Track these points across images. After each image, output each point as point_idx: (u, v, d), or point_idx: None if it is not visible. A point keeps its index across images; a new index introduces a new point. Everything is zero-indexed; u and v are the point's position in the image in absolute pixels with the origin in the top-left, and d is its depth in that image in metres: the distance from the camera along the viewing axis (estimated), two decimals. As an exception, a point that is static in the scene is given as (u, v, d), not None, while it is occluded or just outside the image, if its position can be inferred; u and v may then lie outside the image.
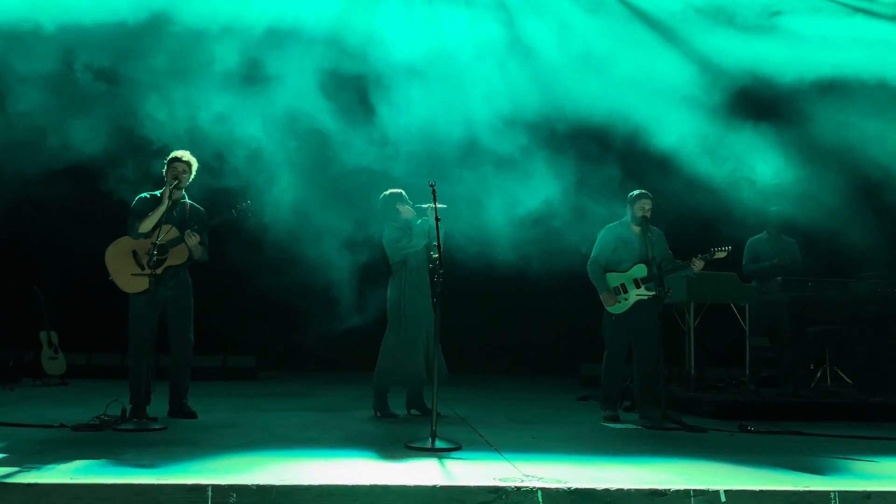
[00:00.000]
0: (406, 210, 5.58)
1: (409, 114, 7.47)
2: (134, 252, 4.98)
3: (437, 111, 7.56)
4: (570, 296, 9.91)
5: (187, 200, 5.23)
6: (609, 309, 5.63)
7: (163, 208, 4.94)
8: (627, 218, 5.73)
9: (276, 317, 9.96)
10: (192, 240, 4.98)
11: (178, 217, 5.09)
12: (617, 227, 5.75)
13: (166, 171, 5.14)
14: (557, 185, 7.76)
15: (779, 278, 6.86)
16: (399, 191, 5.64)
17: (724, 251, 5.56)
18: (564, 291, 9.96)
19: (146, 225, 4.95)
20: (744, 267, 7.17)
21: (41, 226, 9.02)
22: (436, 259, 4.39)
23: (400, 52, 7.72)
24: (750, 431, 5.07)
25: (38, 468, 3.22)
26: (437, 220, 4.83)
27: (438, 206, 5.28)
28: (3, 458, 3.48)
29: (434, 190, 4.87)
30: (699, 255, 5.54)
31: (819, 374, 6.93)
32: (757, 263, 7.16)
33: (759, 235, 7.34)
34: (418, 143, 7.53)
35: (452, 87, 7.87)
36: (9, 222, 8.73)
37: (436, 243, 4.55)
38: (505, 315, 10.35)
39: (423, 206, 5.51)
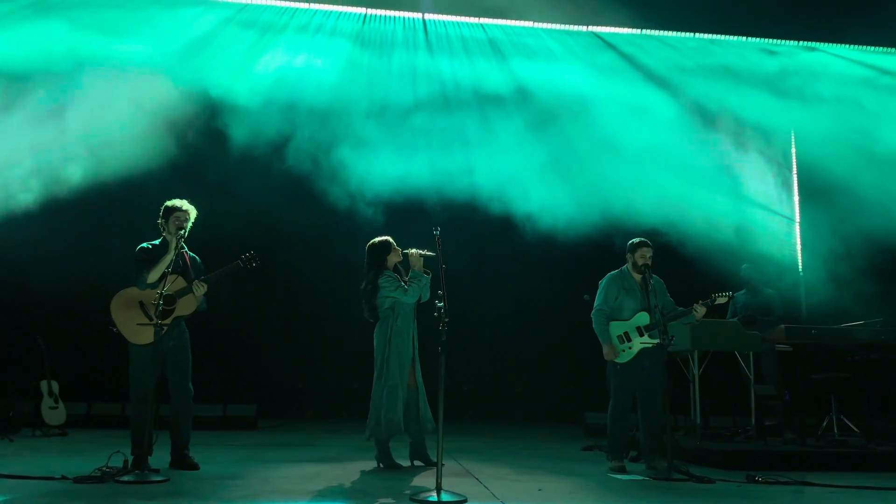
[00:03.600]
0: (394, 257, 5.61)
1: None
2: (141, 303, 4.97)
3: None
4: (575, 343, 9.92)
5: (186, 251, 5.25)
6: (614, 358, 5.62)
7: (169, 258, 4.96)
8: (627, 266, 5.76)
9: (277, 365, 9.92)
10: (200, 290, 5.00)
11: (182, 267, 5.12)
12: (618, 276, 5.77)
13: (167, 221, 5.15)
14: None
15: (782, 326, 6.86)
16: (387, 238, 5.68)
17: (725, 296, 5.58)
18: (569, 338, 9.97)
19: (153, 275, 4.96)
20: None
21: (42, 275, 9.08)
22: (441, 307, 4.40)
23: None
24: (757, 482, 5.00)
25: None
26: (443, 266, 4.87)
27: (428, 253, 5.32)
28: (5, 511, 3.45)
29: (438, 237, 4.92)
30: (700, 302, 5.55)
31: (825, 423, 6.86)
32: (734, 318, 7.47)
33: (740, 291, 7.70)
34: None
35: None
36: (10, 271, 8.79)
37: (440, 292, 4.57)
38: (509, 363, 10.30)
39: (408, 251, 5.54)
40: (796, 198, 11.41)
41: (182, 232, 5.09)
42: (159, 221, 5.21)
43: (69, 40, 8.90)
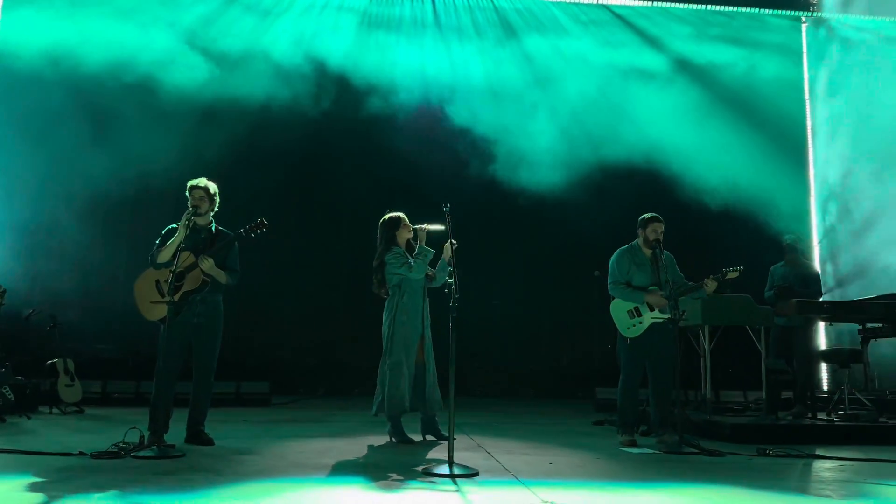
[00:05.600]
0: (405, 233, 5.61)
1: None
2: (157, 281, 5.06)
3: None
4: (585, 319, 9.95)
5: (213, 226, 5.27)
6: (624, 333, 5.62)
7: (178, 237, 4.99)
8: (638, 241, 5.73)
9: (290, 343, 9.99)
10: (206, 263, 5.01)
11: (203, 243, 5.14)
12: (628, 251, 5.74)
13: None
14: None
15: (794, 300, 6.83)
16: (399, 214, 5.66)
17: (736, 271, 5.52)
18: (580, 314, 9.99)
19: (164, 255, 5.02)
20: (764, 294, 7.27)
21: (58, 255, 9.16)
22: (451, 284, 4.40)
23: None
24: (768, 455, 5.02)
25: (60, 496, 3.25)
26: (454, 243, 4.87)
27: (438, 228, 5.29)
28: (25, 486, 3.51)
29: (448, 214, 4.90)
30: (711, 276, 5.53)
31: (837, 397, 6.86)
32: (772, 290, 7.33)
33: (778, 263, 7.50)
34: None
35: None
36: (26, 251, 8.87)
37: (451, 268, 4.57)
38: (519, 339, 10.33)
39: (417, 226, 5.53)
40: (811, 172, 11.33)
41: (192, 209, 5.09)
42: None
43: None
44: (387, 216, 5.67)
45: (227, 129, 9.40)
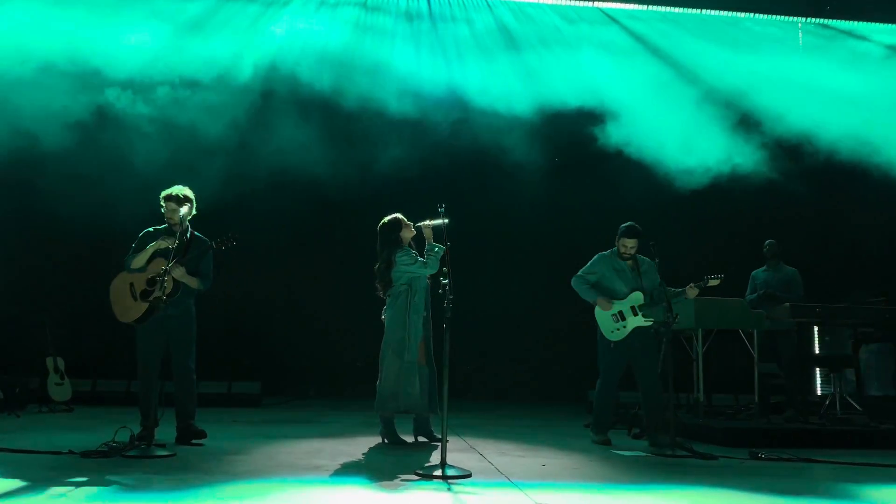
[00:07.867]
0: (408, 232, 5.58)
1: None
2: (131, 284, 5.07)
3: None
4: (579, 320, 9.93)
5: (187, 232, 5.23)
6: (608, 336, 5.65)
7: (151, 250, 5.01)
8: (616, 249, 5.77)
9: (281, 343, 9.94)
10: (177, 271, 5.00)
11: (177, 249, 5.09)
12: (609, 256, 5.80)
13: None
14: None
15: (787, 304, 6.84)
16: (397, 216, 5.62)
17: (718, 279, 5.53)
18: (573, 316, 9.97)
19: (137, 262, 5.05)
20: (746, 298, 7.30)
21: (48, 253, 9.09)
22: (446, 284, 4.38)
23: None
24: (760, 459, 5.02)
25: (49, 495, 3.22)
26: (448, 244, 4.86)
27: (438, 222, 5.26)
28: (14, 485, 3.48)
29: (442, 213, 4.90)
30: (692, 284, 5.56)
31: (829, 401, 6.87)
32: (753, 294, 7.40)
33: (761, 268, 7.57)
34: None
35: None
36: (15, 249, 8.80)
37: (445, 269, 4.55)
38: (513, 340, 10.31)
39: (421, 223, 5.51)
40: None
41: (164, 228, 5.13)
42: None
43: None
44: (386, 219, 5.62)
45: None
